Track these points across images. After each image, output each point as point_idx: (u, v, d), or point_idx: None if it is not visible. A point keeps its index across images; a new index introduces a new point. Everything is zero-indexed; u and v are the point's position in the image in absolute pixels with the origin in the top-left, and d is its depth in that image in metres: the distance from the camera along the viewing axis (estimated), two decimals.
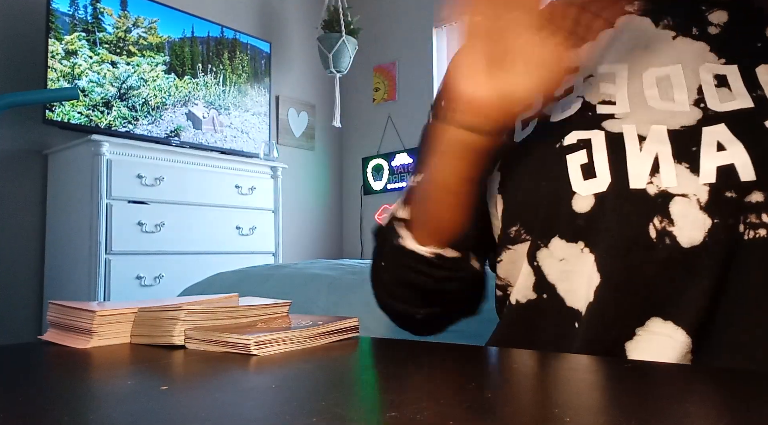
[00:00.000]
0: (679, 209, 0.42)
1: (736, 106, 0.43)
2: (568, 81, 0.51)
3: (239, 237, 2.77)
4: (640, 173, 0.43)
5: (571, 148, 0.46)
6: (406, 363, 0.42)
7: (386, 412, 0.28)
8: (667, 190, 0.42)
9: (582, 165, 0.45)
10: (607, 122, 0.46)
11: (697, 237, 0.41)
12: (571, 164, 0.46)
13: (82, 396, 0.32)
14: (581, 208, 0.45)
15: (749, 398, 0.29)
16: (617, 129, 0.45)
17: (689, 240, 0.42)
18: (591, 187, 0.45)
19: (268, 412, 0.28)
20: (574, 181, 0.46)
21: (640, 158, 0.44)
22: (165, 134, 2.73)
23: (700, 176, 0.42)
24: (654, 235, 0.42)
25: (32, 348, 0.50)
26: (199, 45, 2.95)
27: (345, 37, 3.27)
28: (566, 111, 0.49)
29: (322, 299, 1.48)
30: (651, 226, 0.43)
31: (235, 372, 0.38)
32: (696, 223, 0.41)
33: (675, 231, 0.42)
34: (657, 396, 0.29)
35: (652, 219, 0.43)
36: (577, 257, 0.46)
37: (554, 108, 0.50)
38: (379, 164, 3.81)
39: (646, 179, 0.43)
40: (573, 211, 0.46)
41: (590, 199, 0.45)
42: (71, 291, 2.34)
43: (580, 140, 0.46)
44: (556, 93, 0.48)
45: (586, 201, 0.45)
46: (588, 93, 0.49)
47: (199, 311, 0.49)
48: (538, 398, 0.30)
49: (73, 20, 2.46)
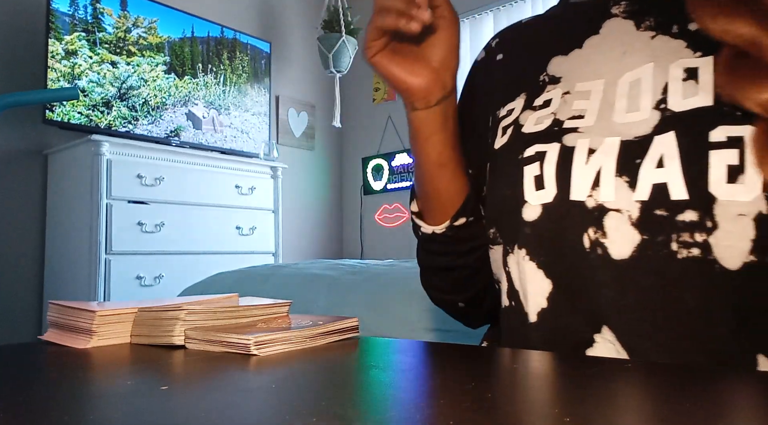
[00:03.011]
0: (612, 223, 0.44)
1: (695, 104, 0.43)
2: (549, 91, 0.53)
3: (239, 237, 2.77)
4: (582, 186, 0.45)
5: (528, 160, 0.49)
6: (406, 363, 0.42)
7: (386, 412, 0.28)
8: (603, 204, 0.44)
9: (535, 176, 0.48)
10: (567, 136, 0.48)
11: (626, 251, 0.43)
12: (526, 175, 0.49)
13: (82, 396, 0.32)
14: (529, 217, 0.48)
15: (749, 397, 0.29)
16: (572, 143, 0.47)
17: (619, 253, 0.43)
18: (540, 197, 0.48)
19: (268, 412, 0.28)
20: (527, 191, 0.48)
21: (584, 171, 0.46)
22: (165, 134, 2.73)
23: (635, 192, 0.43)
24: (588, 245, 0.45)
25: (32, 348, 0.50)
26: (199, 45, 2.95)
27: (345, 37, 3.27)
28: (538, 125, 0.51)
29: (322, 299, 1.48)
30: (585, 236, 0.45)
31: (235, 372, 0.38)
32: (626, 237, 0.43)
33: (607, 243, 0.44)
34: (657, 396, 0.29)
35: (587, 230, 0.45)
36: (519, 265, 0.50)
37: (529, 118, 0.52)
38: (379, 164, 3.81)
39: (586, 192, 0.45)
40: (523, 219, 0.49)
41: (538, 209, 0.48)
42: (71, 291, 2.34)
43: (537, 153, 0.49)
44: (534, 103, 0.52)
45: (534, 211, 0.48)
46: (560, 111, 0.50)
47: (199, 311, 0.49)
48: (538, 398, 0.30)
49: (73, 20, 2.46)
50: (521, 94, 0.55)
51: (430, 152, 0.55)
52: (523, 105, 0.54)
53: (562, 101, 0.51)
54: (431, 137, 0.55)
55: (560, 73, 0.53)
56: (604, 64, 0.50)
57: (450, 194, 0.57)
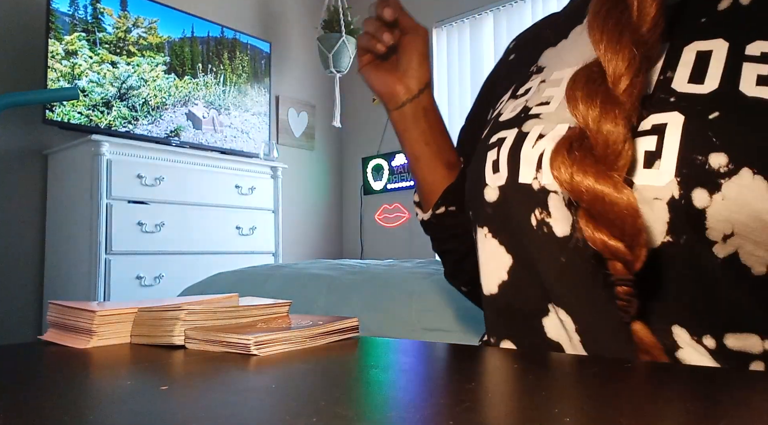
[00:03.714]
0: (553, 203, 0.47)
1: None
2: (532, 81, 0.56)
3: (239, 237, 2.77)
4: (528, 169, 0.49)
5: (491, 145, 0.53)
6: (406, 363, 0.42)
7: (386, 412, 0.28)
8: (545, 186, 0.47)
9: (493, 161, 0.52)
10: (528, 122, 0.51)
11: (566, 229, 0.46)
12: (487, 159, 0.53)
13: (82, 396, 0.32)
14: (489, 198, 0.52)
15: (749, 398, 0.29)
16: (528, 129, 0.50)
17: (561, 231, 0.46)
18: (496, 180, 0.51)
19: (268, 412, 0.28)
20: (487, 174, 0.52)
21: (530, 156, 0.49)
22: (165, 133, 2.73)
23: None
24: (535, 224, 0.48)
25: (32, 348, 0.50)
26: (199, 45, 2.95)
27: (345, 37, 3.27)
28: (511, 113, 0.54)
29: (322, 299, 1.48)
30: (533, 216, 0.48)
31: (235, 372, 0.38)
32: (565, 216, 0.46)
33: (551, 222, 0.47)
34: (656, 396, 0.29)
35: (534, 210, 0.48)
36: (482, 242, 0.54)
37: (508, 106, 0.56)
38: (379, 164, 3.81)
39: (532, 175, 0.48)
40: (485, 200, 0.52)
41: (495, 191, 0.51)
42: (71, 291, 2.35)
43: (498, 139, 0.52)
44: (517, 92, 0.56)
45: (493, 192, 0.52)
46: (532, 98, 0.53)
47: (199, 311, 0.49)
48: (538, 398, 0.30)
49: (73, 20, 2.46)
50: (512, 86, 0.59)
51: (406, 146, 0.65)
52: (509, 96, 0.58)
53: (536, 90, 0.54)
54: (404, 133, 0.65)
55: (545, 63, 0.56)
56: (577, 53, 0.52)
57: (429, 184, 0.66)
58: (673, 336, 0.42)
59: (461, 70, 3.46)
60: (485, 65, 3.34)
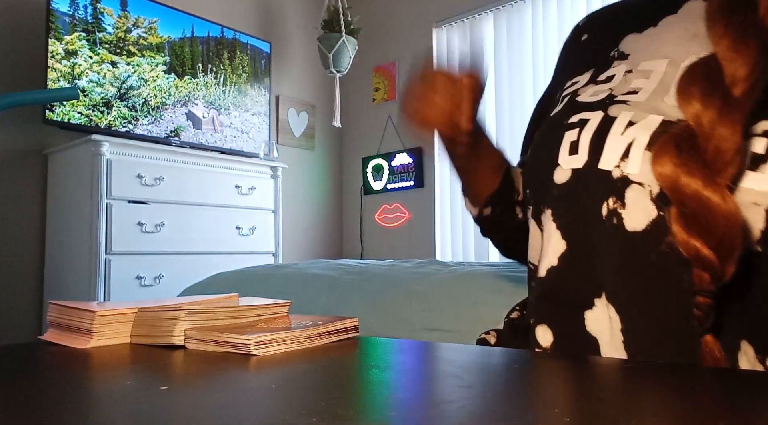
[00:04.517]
0: (632, 195, 0.44)
1: None
2: (614, 68, 0.53)
3: (239, 237, 2.77)
4: (612, 156, 0.46)
5: (571, 125, 0.50)
6: (406, 363, 0.42)
7: (386, 412, 0.28)
8: (627, 176, 0.44)
9: (571, 142, 0.49)
10: (614, 107, 0.48)
11: (640, 224, 0.43)
12: (565, 139, 0.50)
13: (82, 396, 0.32)
14: (558, 179, 0.50)
15: (749, 398, 0.29)
16: (615, 114, 0.47)
17: (633, 225, 0.44)
18: (571, 162, 0.49)
19: (268, 412, 0.28)
20: (562, 155, 0.50)
21: (616, 142, 0.46)
22: (165, 133, 2.73)
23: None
24: (605, 213, 0.45)
25: (32, 348, 0.50)
26: (199, 45, 2.95)
27: (345, 37, 3.27)
28: (593, 97, 0.51)
29: (322, 299, 1.48)
30: (605, 205, 0.45)
31: (235, 372, 0.38)
32: (643, 211, 0.43)
33: (624, 214, 0.44)
34: (656, 396, 0.29)
35: (607, 199, 0.45)
36: (547, 224, 0.51)
37: (588, 90, 0.53)
38: (379, 164, 3.81)
39: (614, 163, 0.45)
40: (553, 181, 0.50)
41: (568, 173, 0.49)
42: (71, 291, 2.34)
43: (580, 120, 0.49)
44: (598, 78, 0.53)
45: (564, 174, 0.49)
46: (618, 87, 0.50)
47: (199, 311, 0.49)
48: (538, 398, 0.30)
49: (73, 20, 2.46)
50: (590, 70, 0.56)
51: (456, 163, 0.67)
52: (588, 79, 0.55)
53: (623, 79, 0.51)
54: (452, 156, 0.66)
55: (629, 50, 0.53)
56: (671, 44, 0.50)
57: (474, 189, 0.68)
58: (739, 351, 0.40)
59: None
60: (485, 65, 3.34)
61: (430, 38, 3.60)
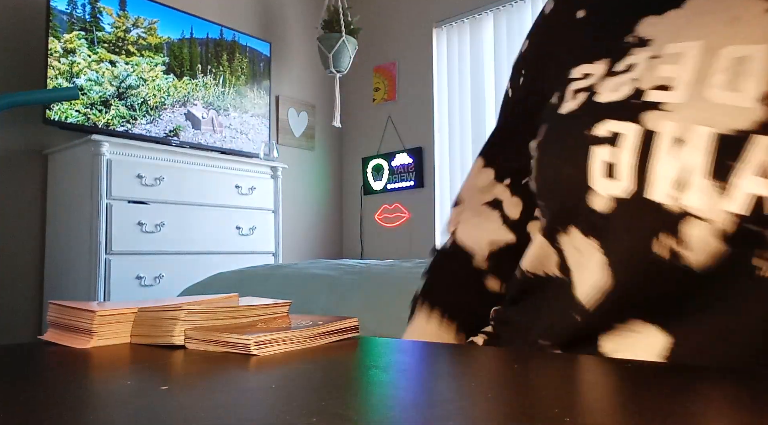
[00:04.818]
0: (692, 232, 0.39)
1: None
2: (634, 55, 0.46)
3: (239, 237, 2.77)
4: (663, 184, 0.39)
5: (598, 139, 0.43)
6: (406, 363, 0.42)
7: (386, 412, 0.28)
8: (686, 210, 0.39)
9: (605, 162, 0.42)
10: (648, 114, 0.41)
11: (702, 261, 0.39)
12: (594, 157, 0.43)
13: (82, 396, 0.32)
14: (598, 207, 0.43)
15: (750, 397, 0.29)
16: (654, 125, 0.41)
17: (695, 262, 0.39)
18: (610, 188, 0.42)
19: (268, 412, 0.28)
20: (595, 177, 0.43)
21: (667, 167, 0.39)
22: (164, 133, 2.73)
23: (727, 200, 0.38)
24: (659, 250, 0.40)
25: (32, 348, 0.50)
26: (198, 47, 2.95)
27: (345, 37, 3.27)
28: (614, 93, 0.44)
29: (322, 299, 1.48)
30: (658, 241, 0.40)
31: (235, 372, 0.38)
32: (705, 248, 0.39)
33: (683, 252, 0.39)
34: (657, 396, 0.29)
35: (660, 234, 0.40)
36: (590, 254, 0.45)
37: (607, 83, 0.46)
38: (379, 164, 3.81)
39: (667, 192, 0.39)
40: (589, 207, 0.43)
41: (608, 200, 0.42)
42: (71, 291, 2.34)
43: (610, 132, 0.42)
44: (616, 68, 0.46)
45: (603, 201, 0.42)
46: (643, 77, 0.43)
47: (199, 311, 0.49)
48: (538, 398, 0.30)
49: (71, 19, 2.46)
50: (602, 58, 0.48)
51: None
52: (604, 71, 0.47)
53: (647, 65, 0.44)
54: None
55: (650, 34, 0.46)
56: (706, 26, 0.43)
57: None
58: None
59: (461, 70, 3.46)
60: (485, 65, 3.34)
61: (430, 38, 3.60)
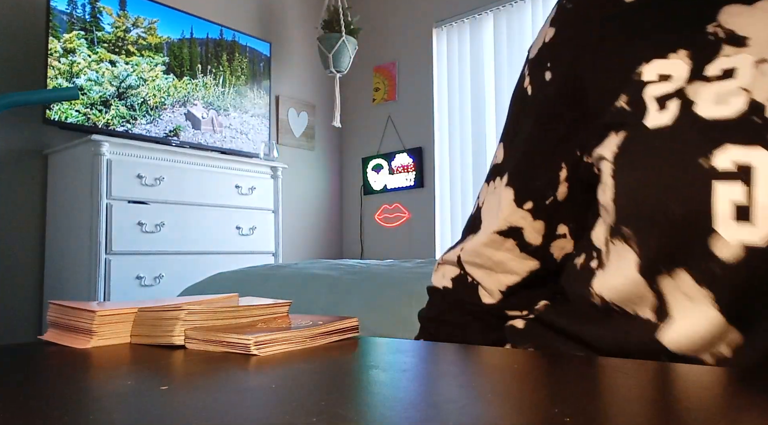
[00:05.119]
0: None
1: None
2: (729, 57, 0.38)
3: (239, 237, 2.77)
4: None
5: (723, 175, 0.35)
6: (406, 363, 0.42)
7: (386, 412, 0.28)
8: None
9: (735, 204, 0.35)
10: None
11: None
12: (719, 195, 0.35)
13: (82, 396, 0.32)
14: (724, 255, 0.35)
15: (750, 398, 0.29)
16: None
17: None
18: (742, 234, 0.34)
19: (268, 412, 0.28)
20: (720, 218, 0.35)
21: None
22: (164, 133, 2.73)
23: None
24: None
25: (32, 348, 0.50)
26: (198, 47, 2.95)
27: (345, 37, 3.27)
28: (722, 106, 0.36)
29: (322, 299, 1.48)
30: None
31: (235, 372, 0.38)
32: None
33: None
34: (657, 396, 0.29)
35: None
36: (707, 307, 0.37)
37: (703, 92, 0.37)
38: (379, 164, 3.81)
39: None
40: (712, 254, 0.36)
41: (738, 249, 0.35)
42: (71, 291, 2.35)
43: (737, 165, 0.34)
44: (707, 72, 0.38)
45: (731, 250, 0.35)
46: (757, 87, 0.36)
47: (199, 311, 0.49)
48: (538, 398, 0.30)
49: (71, 19, 2.46)
50: (679, 51, 0.40)
51: None
52: (690, 72, 0.39)
53: (756, 73, 0.36)
54: None
55: (743, 30, 0.38)
56: None
57: None
58: None
59: (461, 70, 3.46)
60: (485, 65, 3.34)
61: (430, 38, 3.60)
